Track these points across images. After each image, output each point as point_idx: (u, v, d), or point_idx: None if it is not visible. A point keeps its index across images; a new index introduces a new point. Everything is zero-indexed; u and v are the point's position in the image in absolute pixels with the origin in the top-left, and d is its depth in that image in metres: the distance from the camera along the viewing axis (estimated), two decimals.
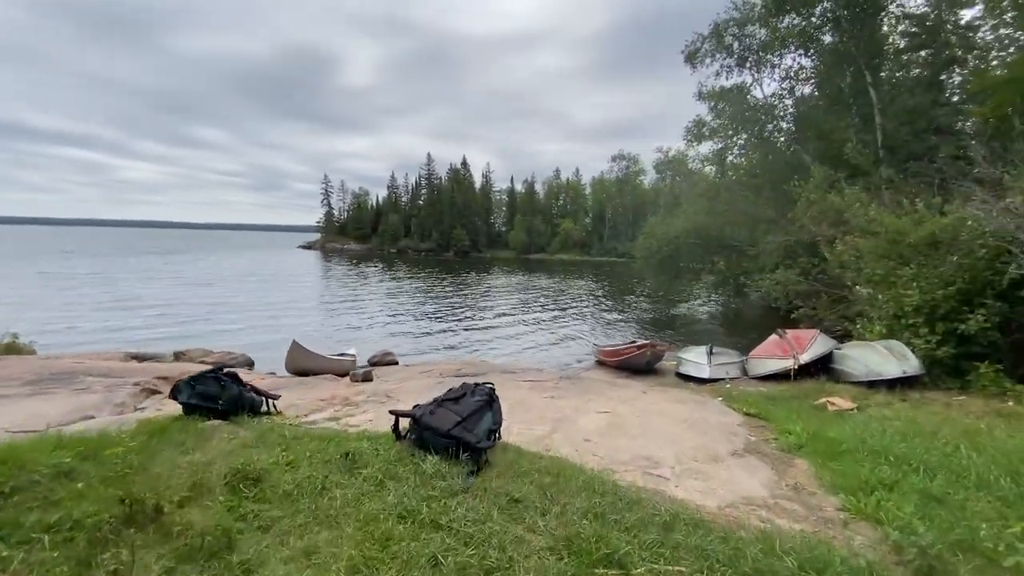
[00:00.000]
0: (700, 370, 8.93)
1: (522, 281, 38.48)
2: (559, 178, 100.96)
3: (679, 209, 26.85)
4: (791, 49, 17.61)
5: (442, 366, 9.22)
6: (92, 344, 13.02)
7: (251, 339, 14.43)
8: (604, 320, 20.26)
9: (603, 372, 10.89)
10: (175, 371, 7.06)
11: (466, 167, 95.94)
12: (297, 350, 7.67)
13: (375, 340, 15.22)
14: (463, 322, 18.67)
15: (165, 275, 33.39)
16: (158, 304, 20.07)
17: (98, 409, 5.15)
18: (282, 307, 20.39)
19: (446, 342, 15.30)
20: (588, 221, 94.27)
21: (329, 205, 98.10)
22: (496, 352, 13.94)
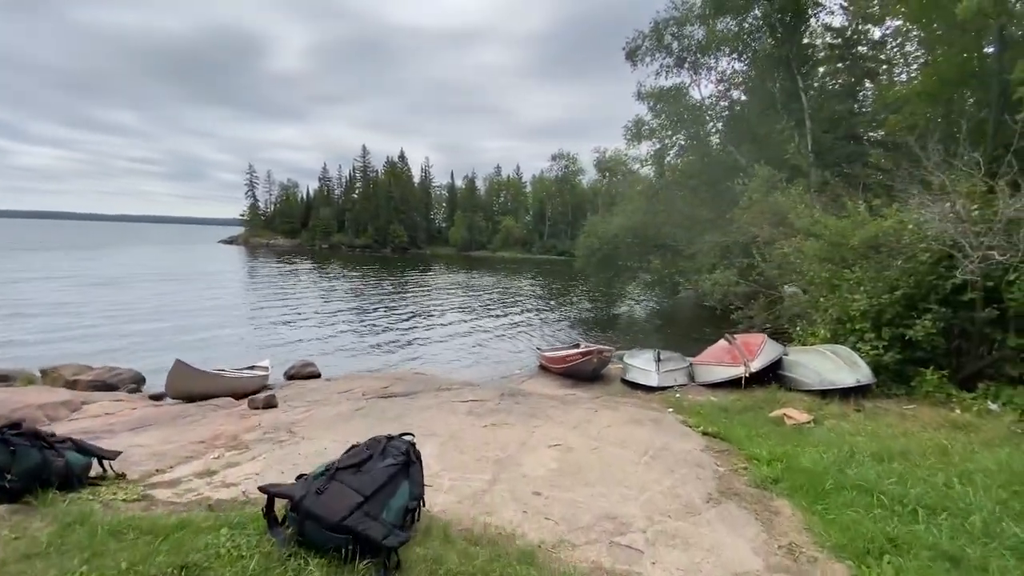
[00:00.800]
0: (648, 378, 8.44)
1: (464, 280, 37.40)
2: (500, 175, 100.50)
3: (618, 208, 27.00)
4: (725, 52, 17.88)
5: (369, 381, 8.09)
6: None
7: (153, 351, 12.47)
8: (546, 320, 19.73)
9: (547, 380, 10.20)
10: (11, 402, 5.48)
11: (404, 160, 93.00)
12: (181, 371, 6.27)
13: (302, 348, 13.69)
14: (401, 325, 17.41)
15: (61, 274, 29.06)
16: (47, 309, 17.13)
17: None
18: (197, 312, 18.05)
19: (382, 348, 14.04)
20: (529, 219, 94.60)
21: (254, 197, 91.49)
22: (435, 360, 12.89)
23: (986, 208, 6.56)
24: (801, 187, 11.45)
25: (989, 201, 6.82)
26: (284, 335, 15.25)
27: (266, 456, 4.00)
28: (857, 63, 18.02)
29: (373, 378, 8.49)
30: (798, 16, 15.88)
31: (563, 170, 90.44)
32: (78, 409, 5.59)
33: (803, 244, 8.93)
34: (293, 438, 4.50)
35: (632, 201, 24.74)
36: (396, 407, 5.67)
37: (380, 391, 6.94)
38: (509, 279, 39.09)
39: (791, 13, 16.08)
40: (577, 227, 74.21)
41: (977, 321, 6.57)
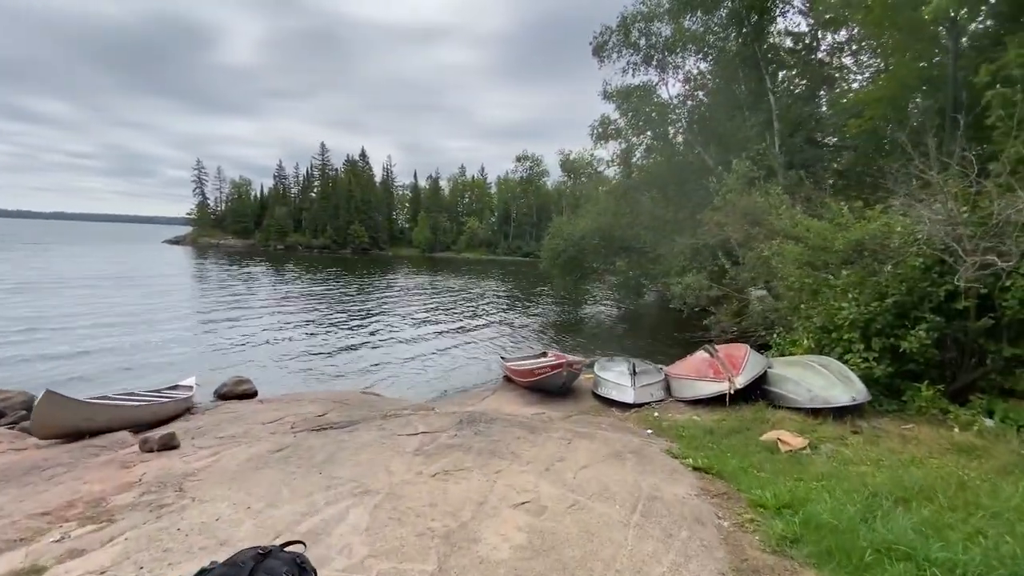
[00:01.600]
0: (624, 394, 7.69)
1: (427, 282, 36.08)
2: (465, 175, 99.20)
3: (583, 209, 26.53)
4: (692, 51, 17.55)
5: (307, 406, 6.97)
6: None
7: (65, 367, 10.87)
8: (512, 325, 18.86)
9: (513, 395, 9.32)
10: None
11: (365, 159, 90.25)
12: (52, 404, 4.93)
13: (245, 360, 12.30)
14: (358, 333, 16.11)
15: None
16: None
17: None
18: (123, 321, 16.10)
19: (334, 359, 12.78)
20: (494, 220, 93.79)
21: (203, 194, 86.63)
22: (391, 371, 11.78)
23: (978, 210, 6.11)
24: (779, 187, 11.03)
25: (975, 203, 6.41)
26: (227, 346, 13.72)
27: (131, 535, 2.93)
28: (816, 68, 18.10)
29: (312, 400, 7.36)
30: (764, 15, 15.68)
31: (528, 171, 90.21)
32: None
33: (783, 247, 8.40)
34: (180, 500, 3.43)
35: (598, 202, 24.29)
36: (328, 446, 4.64)
37: (315, 421, 5.85)
38: (474, 281, 38.05)
39: (757, 12, 15.87)
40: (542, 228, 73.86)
41: (971, 331, 6.14)
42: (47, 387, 5.26)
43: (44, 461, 4.37)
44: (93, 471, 4.10)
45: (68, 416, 5.13)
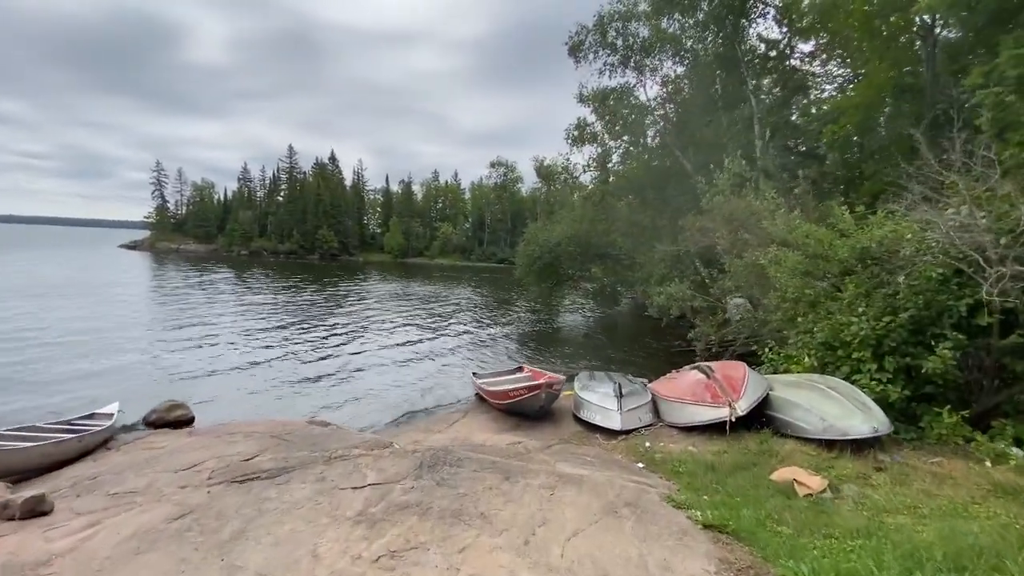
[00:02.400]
0: (609, 419, 6.85)
1: (398, 289, 34.70)
2: (438, 180, 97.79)
3: (558, 215, 25.90)
4: (669, 53, 17.11)
5: (239, 444, 5.83)
6: None
7: None
8: (485, 335, 17.90)
9: (486, 418, 8.36)
10: None
11: (335, 162, 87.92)
12: None
13: (189, 378, 10.96)
14: (318, 346, 14.85)
15: None
16: None
17: None
18: (61, 335, 14.36)
19: (288, 376, 11.53)
20: (468, 226, 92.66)
21: (162, 197, 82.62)
22: (349, 392, 10.64)
23: (1003, 216, 5.53)
24: (773, 189, 10.46)
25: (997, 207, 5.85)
26: (174, 361, 12.29)
27: None
28: (790, 75, 17.96)
29: (249, 434, 6.23)
30: (743, 17, 15.33)
31: (502, 177, 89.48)
32: None
33: (780, 254, 7.75)
34: None
35: (573, 208, 23.67)
36: (245, 508, 3.60)
37: (240, 467, 4.77)
38: (447, 288, 36.89)
39: (735, 15, 15.52)
40: (516, 235, 73.27)
41: (995, 349, 5.54)
42: None
43: None
44: None
45: None
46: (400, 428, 8.37)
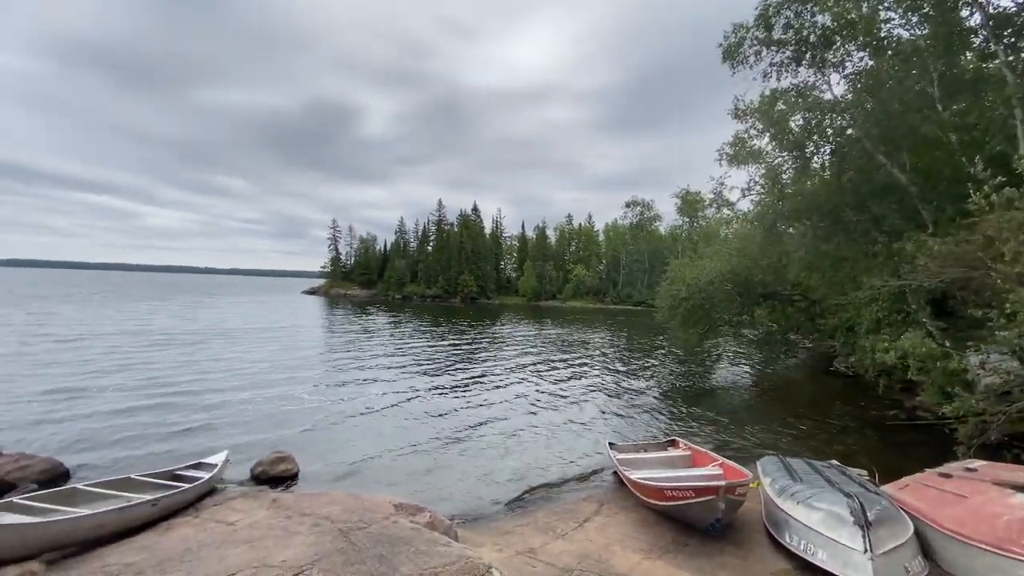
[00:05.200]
0: (853, 566, 4.05)
1: (529, 332, 33.64)
2: (571, 223, 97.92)
3: (709, 250, 22.41)
4: (858, 43, 13.53)
5: (296, 539, 4.45)
6: None
7: (114, 428, 10.01)
8: (621, 389, 15.30)
9: (630, 520, 5.99)
10: None
11: (476, 213, 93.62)
12: None
13: (316, 422, 10.67)
14: (443, 393, 13.93)
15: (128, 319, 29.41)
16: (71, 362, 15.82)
17: None
18: (228, 375, 15.84)
19: (408, 427, 10.54)
20: (602, 267, 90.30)
21: (336, 250, 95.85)
22: (469, 453, 9.12)
23: None
24: None
25: None
26: (299, 403, 12.26)
27: None
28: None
29: (317, 521, 4.84)
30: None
31: (638, 216, 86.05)
32: None
33: None
34: None
35: (726, 241, 20.19)
36: None
37: None
38: (578, 332, 34.73)
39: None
40: (655, 275, 68.66)
41: None
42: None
43: None
44: None
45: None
46: (511, 519, 6.41)
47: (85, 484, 5.74)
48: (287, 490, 7.24)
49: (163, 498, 5.58)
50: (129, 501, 5.26)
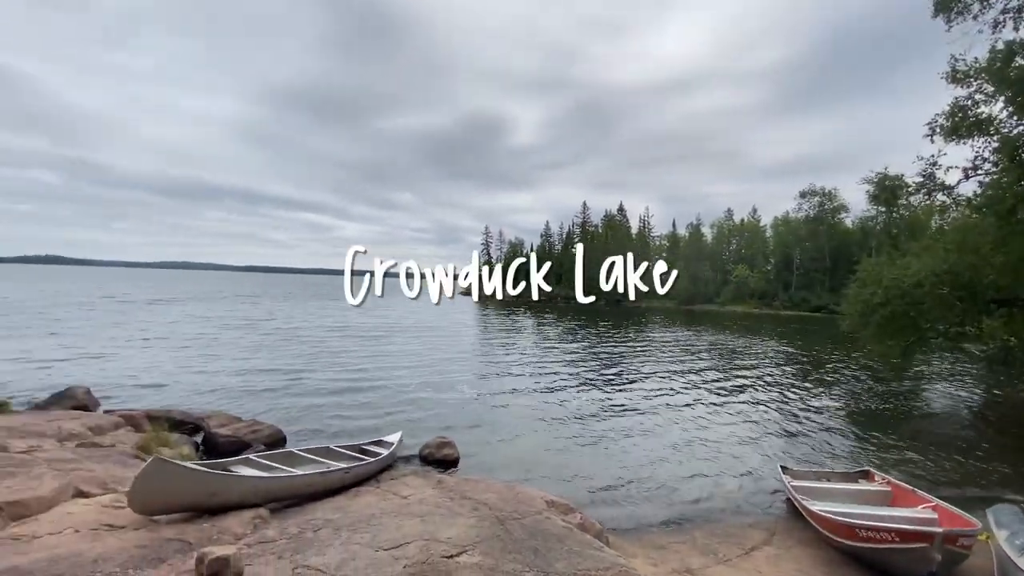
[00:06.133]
0: None
1: (682, 338, 31.66)
2: (731, 219, 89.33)
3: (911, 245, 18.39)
4: None
5: (462, 512, 4.83)
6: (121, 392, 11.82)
7: (331, 406, 12.03)
8: (798, 406, 13.43)
9: (806, 556, 5.22)
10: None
11: (622, 212, 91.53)
12: (156, 475, 4.07)
13: (483, 412, 11.66)
14: (593, 395, 13.95)
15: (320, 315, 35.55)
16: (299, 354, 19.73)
17: None
18: (406, 365, 18.09)
19: (560, 427, 10.78)
20: (770, 268, 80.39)
21: (488, 254, 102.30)
22: (620, 459, 8.95)
23: None
24: None
25: None
26: (460, 395, 13.42)
27: None
28: None
29: (476, 505, 5.19)
30: None
31: (816, 208, 74.75)
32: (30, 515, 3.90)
33: None
34: None
35: (942, 234, 16.31)
36: None
37: (437, 567, 3.59)
38: (742, 339, 31.51)
39: None
40: (838, 276, 58.99)
41: None
42: (155, 455, 4.59)
43: (95, 563, 3.35)
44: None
45: (179, 491, 4.28)
46: (665, 534, 6.06)
47: (298, 449, 7.01)
48: (449, 473, 7.91)
49: (354, 468, 6.54)
50: (328, 467, 6.29)
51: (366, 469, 6.84)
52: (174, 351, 18.07)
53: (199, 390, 12.55)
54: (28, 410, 8.78)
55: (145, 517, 4.13)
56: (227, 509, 4.67)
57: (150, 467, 4.06)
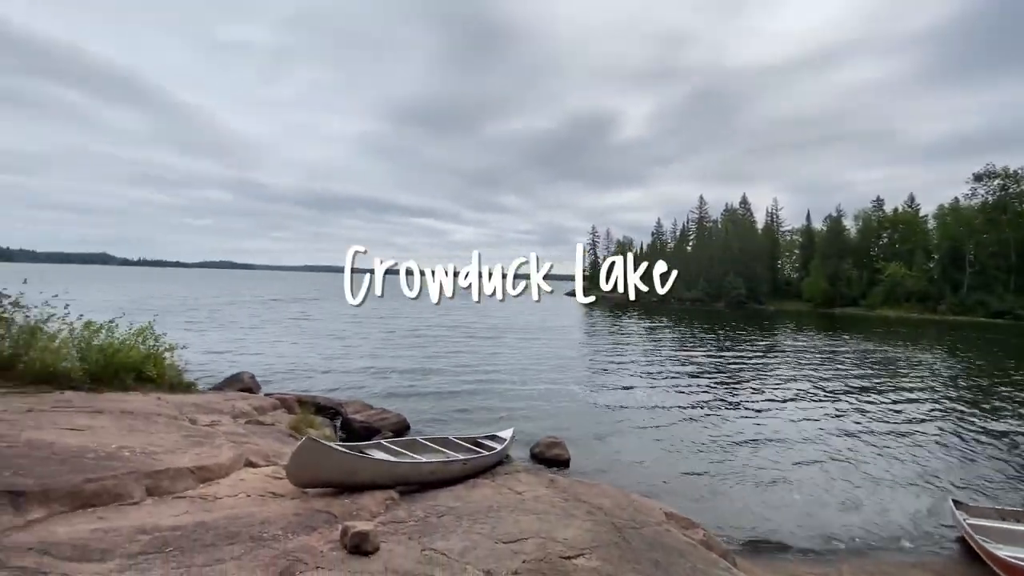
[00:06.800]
0: None
1: (822, 346, 28.19)
2: (881, 210, 77.29)
3: None
4: None
5: (577, 516, 4.78)
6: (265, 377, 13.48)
7: (449, 398, 12.76)
8: (973, 433, 11.16)
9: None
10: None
11: (745, 206, 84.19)
12: (308, 452, 4.62)
13: (593, 415, 11.59)
14: (715, 405, 13.07)
15: (426, 321, 37.91)
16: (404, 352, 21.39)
17: None
18: (513, 367, 18.66)
19: (677, 436, 10.24)
20: (932, 265, 68.15)
21: (595, 254, 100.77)
22: (749, 476, 8.21)
23: None
24: None
25: None
26: (570, 396, 13.39)
27: None
28: None
29: (591, 509, 5.09)
30: None
31: (996, 193, 61.92)
32: (214, 479, 4.68)
33: None
34: None
35: None
36: None
37: (556, 567, 3.58)
38: (899, 350, 27.11)
39: None
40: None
41: None
42: (308, 435, 5.16)
43: (262, 524, 3.88)
44: (260, 560, 3.18)
45: (325, 468, 4.79)
46: (804, 563, 5.40)
47: (421, 437, 7.49)
48: (560, 473, 7.90)
49: (471, 460, 6.81)
50: (447, 457, 6.62)
51: (483, 462, 7.08)
52: (316, 344, 20.52)
53: (336, 379, 14.08)
54: (208, 390, 10.52)
55: (298, 489, 4.71)
56: (362, 488, 5.15)
57: (304, 446, 4.62)
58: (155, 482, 4.28)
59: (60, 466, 4.17)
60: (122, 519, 3.66)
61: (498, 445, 8.11)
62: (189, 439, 5.52)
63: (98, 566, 2.97)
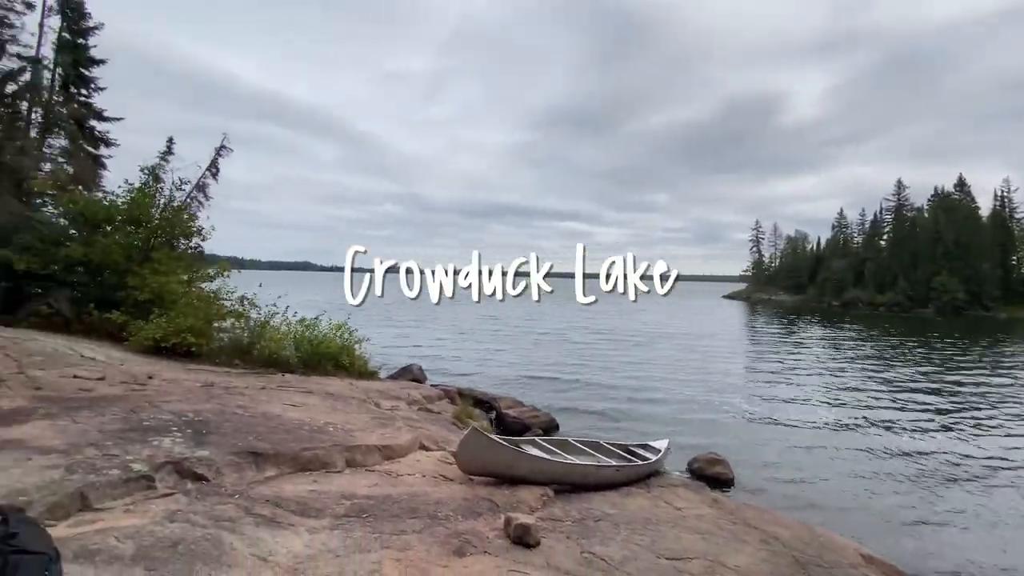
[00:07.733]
0: None
1: None
2: None
3: None
4: None
5: (744, 549, 4.30)
6: None
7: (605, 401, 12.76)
8: None
9: None
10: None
11: (961, 188, 67.64)
12: (473, 442, 4.92)
13: (760, 432, 10.56)
14: (925, 430, 10.84)
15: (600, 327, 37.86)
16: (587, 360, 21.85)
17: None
18: (664, 374, 17.81)
19: (870, 462, 8.73)
20: None
21: (759, 252, 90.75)
22: (977, 514, 6.65)
23: None
24: None
25: None
26: (732, 410, 12.26)
27: None
28: None
29: (765, 538, 4.53)
30: None
31: None
32: (395, 457, 5.28)
33: None
34: None
35: None
36: None
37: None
38: None
39: None
40: None
41: None
42: (473, 425, 5.47)
43: (436, 504, 4.26)
44: (434, 544, 3.50)
45: (488, 458, 5.07)
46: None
47: (572, 438, 7.51)
48: (724, 493, 7.23)
49: (624, 467, 6.61)
50: (599, 462, 6.52)
51: (636, 471, 6.82)
52: (472, 342, 22.10)
53: (491, 375, 14.95)
54: (387, 379, 12.01)
55: (465, 476, 5.09)
56: (518, 481, 5.35)
57: (471, 435, 4.98)
58: (352, 455, 5.01)
59: (285, 435, 5.14)
60: (329, 484, 4.36)
61: (651, 455, 7.74)
62: (375, 420, 6.36)
63: (315, 521, 3.57)
